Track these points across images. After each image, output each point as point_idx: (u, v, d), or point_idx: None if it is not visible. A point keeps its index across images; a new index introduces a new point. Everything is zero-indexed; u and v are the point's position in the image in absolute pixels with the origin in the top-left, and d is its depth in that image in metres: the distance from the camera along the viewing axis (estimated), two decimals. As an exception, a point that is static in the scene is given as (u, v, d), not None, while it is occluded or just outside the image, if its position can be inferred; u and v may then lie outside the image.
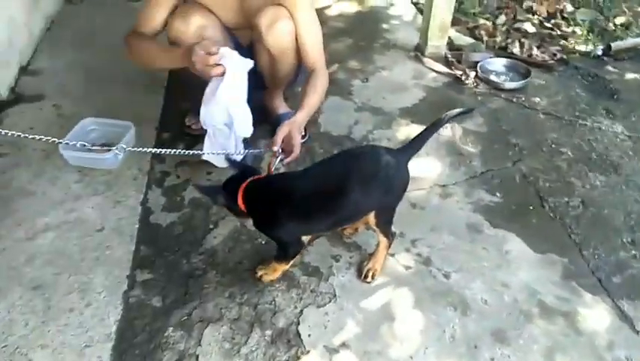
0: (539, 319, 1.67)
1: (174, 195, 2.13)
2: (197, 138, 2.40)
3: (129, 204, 2.08)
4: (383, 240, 1.74)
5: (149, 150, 2.03)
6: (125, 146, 2.00)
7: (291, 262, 1.76)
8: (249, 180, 1.64)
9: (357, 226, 1.90)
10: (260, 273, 1.78)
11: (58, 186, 2.15)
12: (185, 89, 2.61)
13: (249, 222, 1.86)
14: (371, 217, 1.66)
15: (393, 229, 1.74)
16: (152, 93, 2.72)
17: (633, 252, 1.89)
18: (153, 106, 2.64)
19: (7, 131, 1.65)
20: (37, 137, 1.70)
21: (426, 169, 2.26)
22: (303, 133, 2.38)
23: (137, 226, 1.98)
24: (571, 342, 1.61)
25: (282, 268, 1.76)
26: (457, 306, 1.71)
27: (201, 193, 1.95)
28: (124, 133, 2.26)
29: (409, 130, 2.48)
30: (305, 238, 1.75)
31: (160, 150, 1.94)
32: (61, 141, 1.87)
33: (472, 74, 2.86)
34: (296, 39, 2.07)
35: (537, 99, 2.71)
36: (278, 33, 2.02)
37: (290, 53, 2.11)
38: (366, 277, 1.77)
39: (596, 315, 1.68)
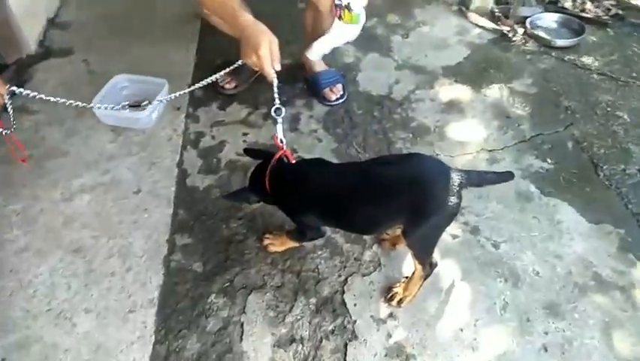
0: (595, 292, 1.60)
1: (210, 157, 2.06)
2: (231, 97, 2.33)
3: (165, 165, 2.02)
4: (418, 267, 1.49)
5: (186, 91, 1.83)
6: (161, 100, 1.93)
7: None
8: (270, 168, 1.50)
9: (394, 241, 1.69)
10: (266, 242, 1.71)
11: (91, 145, 2.11)
12: (217, 46, 2.51)
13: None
14: (400, 233, 1.46)
15: (434, 259, 1.52)
16: (183, 49, 2.62)
17: (695, 224, 1.79)
18: (184, 62, 2.54)
19: (35, 93, 1.60)
20: (68, 102, 1.68)
21: (472, 133, 2.15)
22: (342, 92, 2.28)
23: (173, 188, 1.93)
24: (628, 317, 1.54)
25: (291, 244, 1.68)
26: (508, 277, 1.64)
27: (232, 202, 1.80)
28: (157, 90, 2.18)
29: (453, 91, 2.36)
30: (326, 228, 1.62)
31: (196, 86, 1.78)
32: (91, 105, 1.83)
33: (521, 30, 2.68)
34: None
35: (590, 59, 2.54)
36: None
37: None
38: (391, 299, 1.56)
39: (655, 290, 1.61)
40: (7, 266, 1.66)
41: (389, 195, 1.36)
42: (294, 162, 1.54)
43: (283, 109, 1.55)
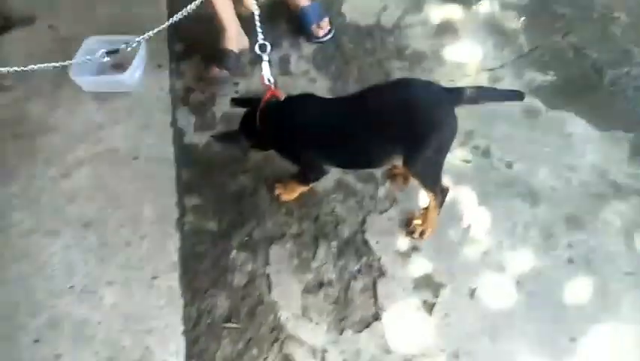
0: (613, 199, 1.61)
1: (204, 112, 1.98)
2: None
3: (158, 127, 1.94)
4: (430, 196, 1.46)
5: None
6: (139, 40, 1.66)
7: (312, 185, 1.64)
8: (260, 110, 1.45)
9: (405, 175, 1.65)
10: (278, 192, 1.68)
11: (77, 116, 2.00)
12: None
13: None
14: (401, 164, 1.40)
15: (445, 185, 1.49)
16: (152, 3, 2.45)
17: (703, 119, 1.78)
18: (155, 17, 2.34)
19: (8, 68, 1.42)
20: (45, 65, 1.47)
21: (469, 53, 2.08)
22: (329, 27, 2.18)
23: (172, 149, 1.86)
24: (648, 220, 1.56)
25: (301, 189, 1.64)
26: (525, 196, 1.64)
27: (223, 143, 1.72)
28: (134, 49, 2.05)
29: (443, 12, 2.25)
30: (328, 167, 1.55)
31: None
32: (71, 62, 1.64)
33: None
34: None
35: (579, -40, 2.44)
36: None
37: None
38: (412, 232, 1.56)
39: (671, 189, 1.62)
40: (18, 250, 1.61)
41: (381, 125, 1.32)
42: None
43: (268, 45, 1.47)
